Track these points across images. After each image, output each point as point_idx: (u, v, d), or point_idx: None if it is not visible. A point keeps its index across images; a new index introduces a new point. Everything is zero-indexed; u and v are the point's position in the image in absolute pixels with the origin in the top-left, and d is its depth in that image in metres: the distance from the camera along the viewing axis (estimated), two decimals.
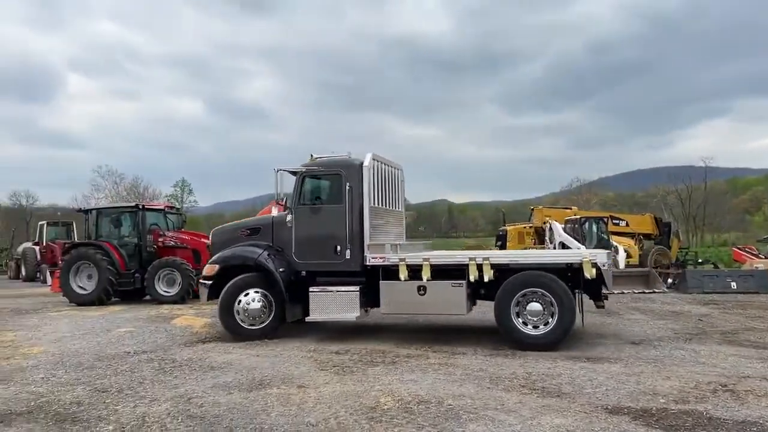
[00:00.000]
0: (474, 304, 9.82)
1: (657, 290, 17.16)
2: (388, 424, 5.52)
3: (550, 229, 21.21)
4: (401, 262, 9.42)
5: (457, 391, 6.61)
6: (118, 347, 9.59)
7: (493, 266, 9.08)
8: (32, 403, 6.47)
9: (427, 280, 9.25)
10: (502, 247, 25.75)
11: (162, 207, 19.39)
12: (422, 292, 9.33)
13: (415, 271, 9.36)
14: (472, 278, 9.13)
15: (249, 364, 8.15)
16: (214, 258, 10.39)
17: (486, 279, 9.04)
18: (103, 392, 6.87)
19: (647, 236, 26.83)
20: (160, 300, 16.19)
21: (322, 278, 9.96)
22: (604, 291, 9.46)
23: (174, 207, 21.34)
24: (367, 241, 9.76)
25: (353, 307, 9.62)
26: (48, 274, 24.91)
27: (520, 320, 8.91)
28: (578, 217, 21.96)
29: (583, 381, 7.00)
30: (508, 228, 27.63)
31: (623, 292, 16.97)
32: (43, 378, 7.64)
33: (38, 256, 28.79)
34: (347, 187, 9.85)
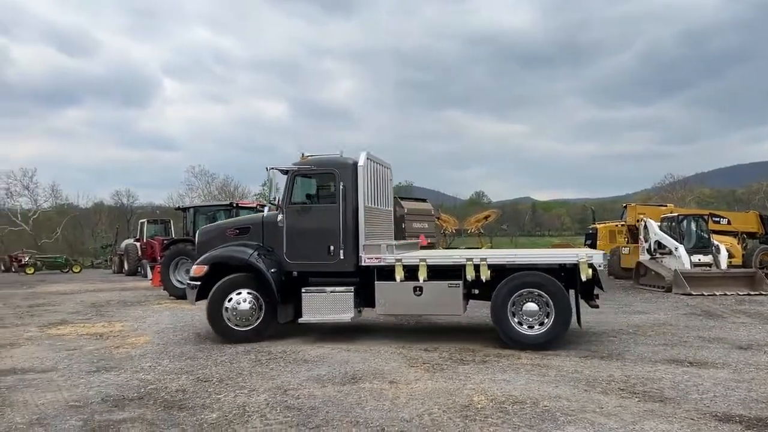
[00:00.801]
0: (467, 303, 9.69)
1: (764, 292, 16.12)
2: (483, 423, 5.47)
3: (645, 227, 20.28)
4: (397, 263, 9.32)
5: (553, 392, 6.45)
6: (217, 339, 10.01)
7: (489, 266, 9.08)
8: (142, 390, 6.88)
9: (424, 281, 9.17)
10: (592, 245, 24.89)
11: (254, 205, 20.10)
12: (418, 292, 9.27)
13: (410, 272, 9.28)
14: (468, 278, 9.11)
15: (341, 359, 8.30)
16: (202, 258, 10.02)
17: (483, 279, 9.04)
18: (205, 381, 7.20)
19: (751, 235, 25.15)
20: None
21: (315, 279, 9.76)
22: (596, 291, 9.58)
23: (263, 205, 22.01)
24: (362, 242, 9.64)
25: (347, 308, 9.48)
26: (148, 268, 26.43)
27: (516, 320, 8.93)
28: (675, 214, 20.85)
29: (687, 386, 6.65)
30: (598, 226, 26.67)
31: (726, 294, 16.05)
32: (150, 366, 8.11)
33: (139, 252, 30.56)
34: (341, 187, 9.69)
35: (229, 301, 9.60)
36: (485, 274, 9.03)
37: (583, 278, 8.80)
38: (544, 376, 7.20)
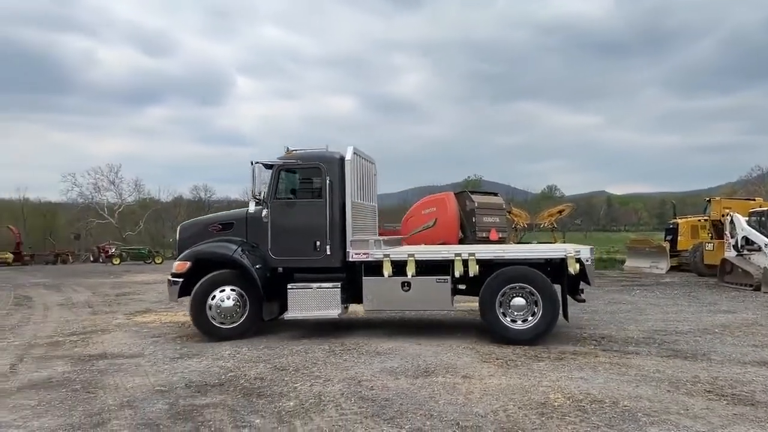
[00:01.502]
0: (453, 299, 9.53)
1: None
2: (560, 422, 5.35)
3: (732, 222, 19.22)
4: (385, 258, 9.21)
5: (633, 392, 6.23)
6: (292, 330, 10.25)
7: (477, 262, 8.98)
8: (222, 377, 7.14)
9: (412, 276, 9.08)
10: (673, 241, 23.87)
11: None
12: (406, 288, 9.18)
13: (398, 267, 9.18)
14: (457, 274, 9.01)
15: (412, 352, 8.33)
16: (185, 254, 9.75)
17: (471, 274, 8.94)
18: (282, 370, 7.40)
19: None
20: None
21: (301, 274, 9.58)
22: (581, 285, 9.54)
23: None
24: (349, 237, 9.53)
25: (334, 304, 9.33)
26: None
27: (504, 315, 8.90)
28: (766, 209, 19.66)
29: None
30: (679, 221, 25.52)
31: None
32: (229, 354, 8.40)
33: None
34: (327, 181, 9.54)
35: (213, 298, 9.35)
36: (474, 269, 8.97)
37: (571, 272, 8.82)
38: (624, 375, 6.97)
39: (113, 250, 41.19)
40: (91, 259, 43.62)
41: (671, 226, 25.71)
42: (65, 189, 54.55)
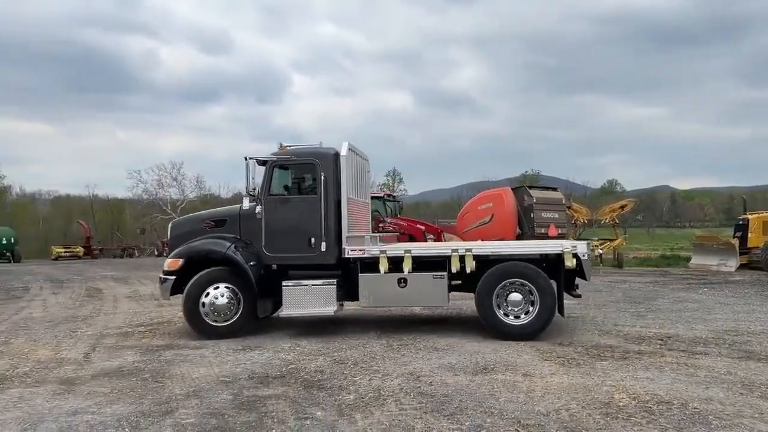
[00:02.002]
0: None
1: None
2: (626, 422, 5.21)
3: None
4: (382, 255, 9.13)
5: (703, 394, 6.00)
6: (349, 324, 10.34)
7: (474, 257, 8.98)
8: (283, 369, 7.28)
9: (408, 273, 9.04)
10: (742, 238, 22.83)
11: (382, 195, 20.52)
12: (403, 284, 9.12)
13: (394, 264, 9.11)
14: (454, 269, 8.99)
15: (471, 348, 8.27)
16: (177, 251, 9.62)
17: (468, 270, 8.94)
18: (341, 363, 7.48)
19: None
20: None
21: (295, 272, 9.46)
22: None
23: (392, 195, 22.46)
24: (345, 233, 9.41)
25: (330, 301, 9.21)
26: None
27: (501, 311, 8.90)
28: None
29: None
30: (749, 216, 24.38)
31: None
32: (289, 347, 8.56)
33: None
34: (322, 178, 9.42)
35: (206, 295, 9.24)
36: (470, 265, 8.96)
37: (568, 265, 8.88)
38: (692, 376, 6.72)
39: None
40: (156, 253, 45.23)
41: (741, 222, 24.57)
42: (131, 185, 56.78)
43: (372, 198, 19.34)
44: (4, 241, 43.31)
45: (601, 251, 25.00)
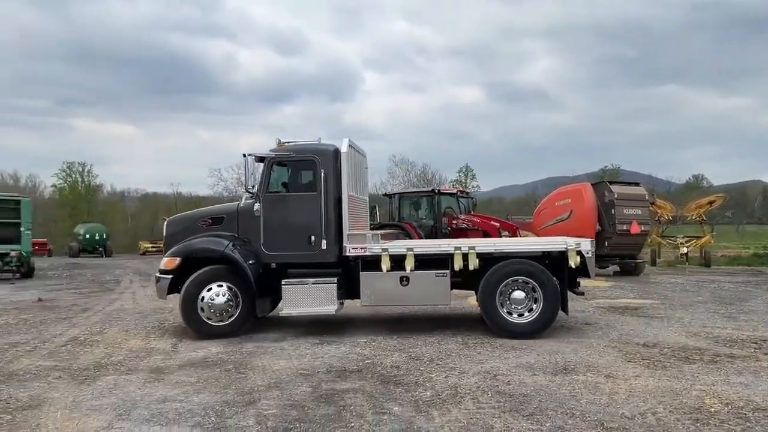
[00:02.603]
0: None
1: None
2: (718, 429, 4.95)
3: None
4: (384, 253, 8.96)
5: None
6: (423, 320, 10.34)
7: (477, 255, 8.84)
8: (360, 363, 7.37)
9: (411, 271, 8.89)
10: None
11: (455, 191, 20.36)
12: (405, 282, 8.99)
13: (396, 262, 8.94)
14: (457, 267, 8.86)
15: (550, 348, 8.08)
16: (174, 250, 9.43)
17: (471, 268, 8.83)
18: (417, 360, 7.49)
19: None
20: None
21: (295, 270, 9.26)
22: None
23: (465, 191, 22.25)
24: (346, 231, 9.21)
25: (330, 300, 9.03)
26: None
27: (504, 309, 8.83)
28: None
29: None
30: None
31: None
32: (365, 342, 8.65)
33: None
34: (322, 174, 9.21)
35: (204, 295, 9.08)
36: (474, 263, 8.83)
37: (572, 265, 8.75)
38: None
39: None
40: None
41: None
42: (212, 183, 59.00)
43: (444, 194, 19.37)
44: (97, 237, 46.13)
45: (686, 249, 23.85)
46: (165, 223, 10.17)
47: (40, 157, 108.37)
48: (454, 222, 18.48)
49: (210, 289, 9.11)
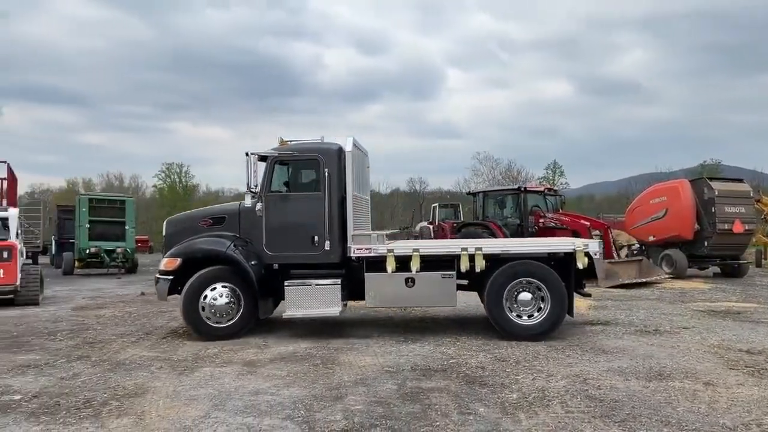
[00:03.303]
0: None
1: None
2: None
3: None
4: (389, 254, 8.78)
5: None
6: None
7: (484, 256, 8.70)
8: (445, 363, 7.37)
9: (416, 272, 8.73)
10: None
11: (542, 189, 19.89)
12: (410, 284, 8.83)
13: (401, 263, 8.78)
14: (463, 269, 8.72)
15: (644, 353, 7.76)
16: (174, 250, 9.24)
17: (478, 269, 8.69)
18: (502, 361, 7.40)
19: None
20: None
21: (297, 271, 9.07)
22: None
23: (553, 189, 21.66)
24: (351, 232, 9.01)
25: (334, 302, 8.85)
26: None
27: (511, 311, 8.71)
28: None
29: None
30: None
31: None
32: (449, 341, 8.64)
33: (432, 234, 32.72)
34: (326, 174, 8.99)
35: (205, 296, 8.95)
36: (480, 264, 8.69)
37: (580, 266, 8.63)
38: None
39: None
40: None
41: None
42: None
43: (530, 192, 18.96)
44: None
45: None
46: (165, 223, 10.03)
47: (142, 159, 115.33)
48: (541, 221, 18.08)
49: (211, 290, 8.99)
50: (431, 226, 33.39)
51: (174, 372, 7.13)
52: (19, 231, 14.64)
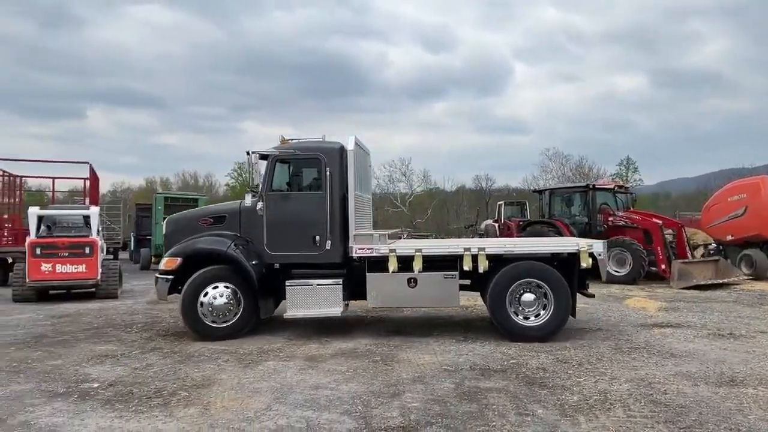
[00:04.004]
0: None
1: None
2: None
3: None
4: (391, 254, 8.69)
5: None
6: (574, 321, 9.96)
7: (488, 257, 8.61)
8: (504, 363, 7.30)
9: (419, 272, 8.67)
10: None
11: (612, 186, 19.29)
12: (413, 284, 8.77)
13: (403, 263, 8.69)
14: (465, 269, 8.64)
15: (715, 357, 7.44)
16: (174, 250, 9.16)
17: (481, 270, 8.60)
18: (564, 363, 7.26)
19: None
20: (609, 279, 16.19)
21: (299, 271, 9.00)
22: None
23: (624, 186, 20.94)
24: (352, 231, 8.93)
25: (336, 302, 8.82)
26: None
27: (514, 312, 8.63)
28: None
29: None
30: None
31: None
32: (511, 341, 8.54)
33: (497, 232, 32.32)
34: (327, 173, 8.92)
35: (205, 295, 8.86)
36: (483, 265, 8.60)
37: (584, 266, 8.53)
38: None
39: (404, 236, 44.87)
40: None
41: None
42: None
43: (599, 189, 18.42)
44: None
45: None
46: (164, 222, 9.99)
47: (215, 158, 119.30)
48: (611, 219, 17.53)
49: (213, 289, 8.94)
50: (496, 224, 33.00)
51: (239, 365, 7.39)
52: (100, 228, 15.50)
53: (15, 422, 5.39)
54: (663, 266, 15.96)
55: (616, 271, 16.21)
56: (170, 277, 9.10)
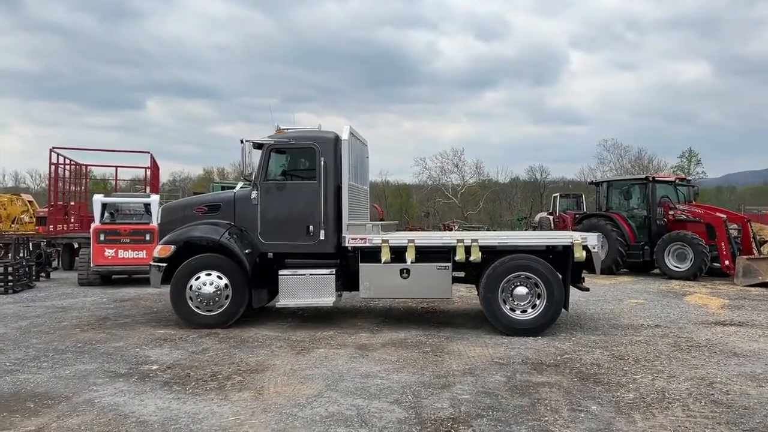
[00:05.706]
0: None
1: None
2: None
3: None
4: (384, 244, 8.65)
5: None
6: (631, 318, 9.72)
7: (480, 248, 8.52)
8: (558, 358, 7.17)
9: (411, 263, 8.58)
10: None
11: (672, 179, 18.63)
12: (405, 275, 8.70)
13: (396, 253, 8.64)
14: (458, 259, 8.59)
15: None
16: (168, 238, 9.11)
17: (472, 259, 8.57)
18: (620, 359, 7.08)
19: None
20: (669, 275, 15.69)
21: (292, 260, 9.02)
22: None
23: (685, 179, 20.19)
24: (345, 222, 8.90)
25: (328, 292, 8.83)
26: None
27: (506, 305, 8.53)
28: None
29: None
30: None
31: None
32: (564, 336, 8.39)
33: (552, 225, 31.72)
34: (322, 162, 8.89)
35: (197, 279, 8.84)
36: (476, 256, 8.53)
37: (577, 257, 8.45)
38: None
39: (456, 227, 44.65)
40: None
41: None
42: (417, 172, 60.93)
43: (659, 182, 17.81)
44: None
45: None
46: (159, 210, 10.18)
47: None
48: (671, 212, 16.94)
49: (201, 278, 8.91)
50: (551, 217, 32.39)
51: (292, 351, 7.52)
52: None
53: (80, 400, 5.64)
54: (726, 262, 15.32)
55: (676, 267, 15.70)
56: (164, 264, 9.14)
